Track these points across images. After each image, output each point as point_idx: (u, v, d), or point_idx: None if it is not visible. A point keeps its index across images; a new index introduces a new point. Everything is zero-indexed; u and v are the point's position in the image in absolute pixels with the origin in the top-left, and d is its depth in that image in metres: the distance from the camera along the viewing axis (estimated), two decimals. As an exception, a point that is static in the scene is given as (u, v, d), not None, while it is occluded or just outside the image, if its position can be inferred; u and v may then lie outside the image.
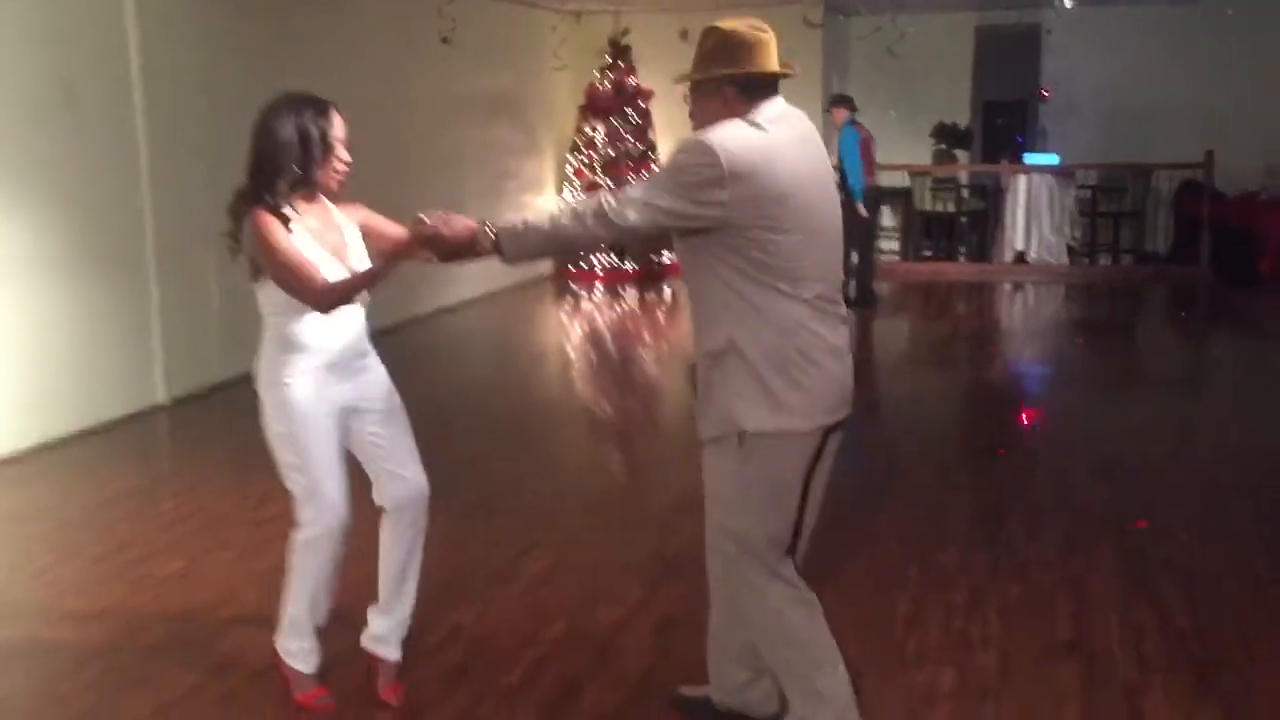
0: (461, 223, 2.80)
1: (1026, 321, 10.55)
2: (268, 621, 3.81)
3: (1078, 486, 5.22)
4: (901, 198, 12.95)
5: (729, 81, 2.71)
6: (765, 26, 2.77)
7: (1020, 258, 12.22)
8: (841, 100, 10.27)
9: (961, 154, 13.32)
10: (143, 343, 6.74)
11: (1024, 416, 5.56)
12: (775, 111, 2.74)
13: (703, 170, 2.59)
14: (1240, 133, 12.07)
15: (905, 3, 11.36)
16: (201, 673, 3.47)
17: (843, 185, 9.92)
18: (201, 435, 6.49)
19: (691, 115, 2.82)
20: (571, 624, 3.79)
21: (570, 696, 3.30)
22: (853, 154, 9.89)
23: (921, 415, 6.87)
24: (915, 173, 12.76)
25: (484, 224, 2.80)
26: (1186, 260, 11.82)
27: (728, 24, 2.76)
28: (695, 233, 2.69)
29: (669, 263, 11.39)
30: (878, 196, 10.52)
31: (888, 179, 12.22)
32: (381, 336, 3.46)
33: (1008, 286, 11.80)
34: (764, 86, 2.74)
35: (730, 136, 2.64)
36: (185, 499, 5.18)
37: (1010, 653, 3.55)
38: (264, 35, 7.64)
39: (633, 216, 2.65)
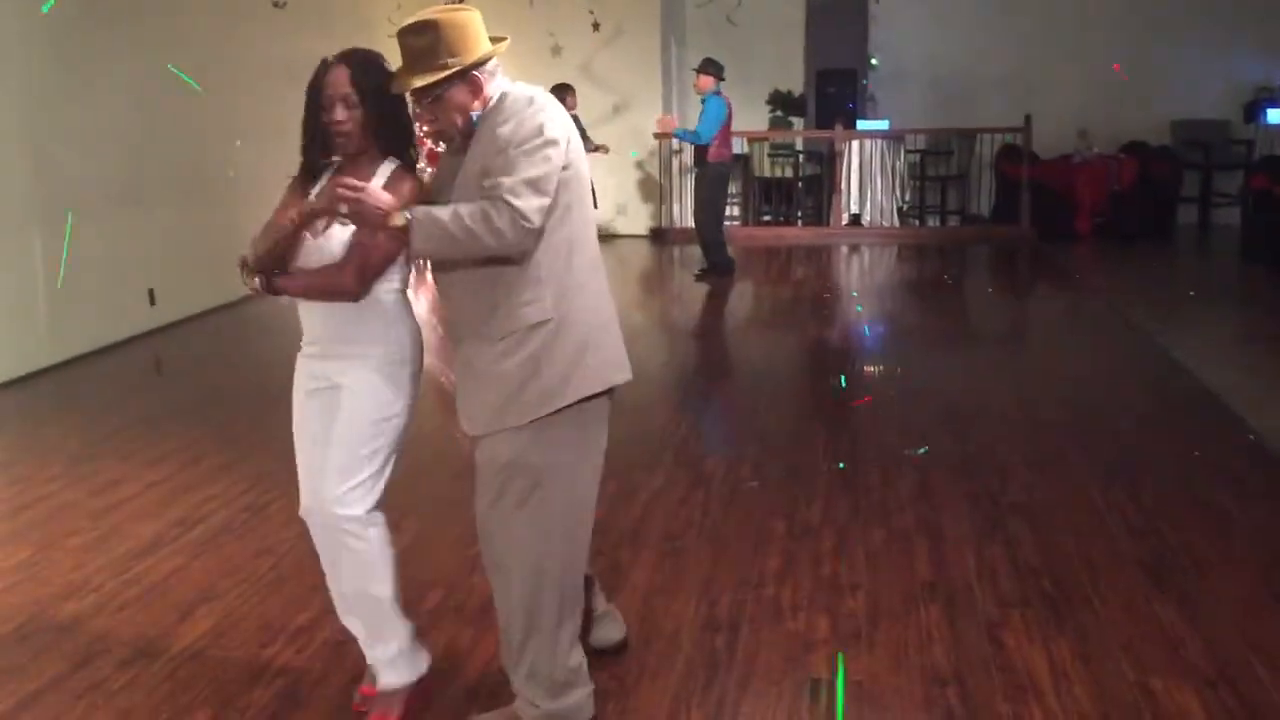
0: (384, 194, 2.61)
1: (863, 281, 10.89)
2: (128, 607, 3.70)
3: (925, 434, 5.43)
4: (740, 164, 13.16)
5: (477, 66, 2.68)
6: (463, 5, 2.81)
7: (855, 220, 12.62)
8: (710, 66, 9.79)
9: (796, 120, 13.60)
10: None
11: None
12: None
13: (543, 123, 2.60)
14: (1054, 99, 12.74)
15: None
16: (64, 663, 3.32)
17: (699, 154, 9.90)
18: (37, 420, 6.16)
19: (431, 121, 2.72)
20: (448, 593, 3.78)
21: (455, 666, 3.29)
22: (710, 124, 9.63)
23: (772, 375, 7.05)
24: (753, 139, 13.00)
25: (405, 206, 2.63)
26: (1008, 220, 12.41)
27: (438, 13, 2.65)
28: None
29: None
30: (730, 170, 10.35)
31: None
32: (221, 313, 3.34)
33: (844, 248, 12.16)
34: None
35: (528, 90, 2.70)
36: (25, 486, 4.92)
37: (878, 596, 3.70)
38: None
39: (535, 205, 2.55)
